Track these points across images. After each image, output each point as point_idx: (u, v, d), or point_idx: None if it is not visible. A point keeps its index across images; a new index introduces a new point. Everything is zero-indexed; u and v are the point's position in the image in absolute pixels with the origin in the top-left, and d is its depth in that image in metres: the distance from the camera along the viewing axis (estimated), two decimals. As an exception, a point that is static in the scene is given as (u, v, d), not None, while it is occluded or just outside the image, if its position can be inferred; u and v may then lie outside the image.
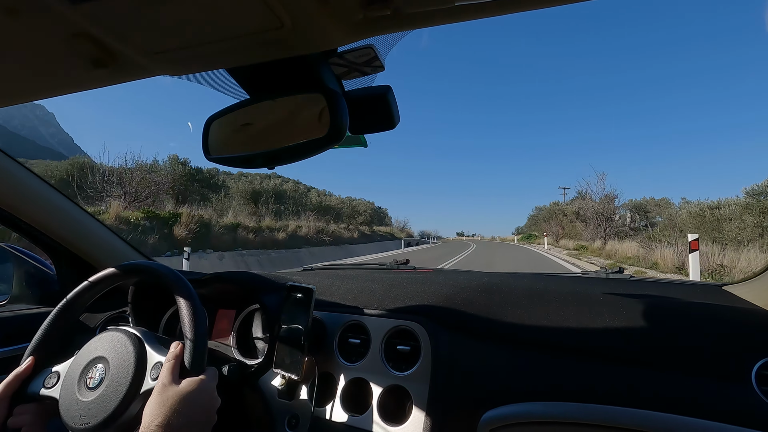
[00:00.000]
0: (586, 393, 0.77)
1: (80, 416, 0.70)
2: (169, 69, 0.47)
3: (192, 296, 0.78)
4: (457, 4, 0.35)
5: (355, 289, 1.13)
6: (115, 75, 0.48)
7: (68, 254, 1.27)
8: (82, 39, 0.40)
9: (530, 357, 0.85)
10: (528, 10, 0.37)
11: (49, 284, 1.35)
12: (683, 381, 0.73)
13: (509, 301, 0.97)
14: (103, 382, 0.73)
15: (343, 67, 0.57)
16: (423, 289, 1.06)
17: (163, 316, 1.17)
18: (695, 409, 0.70)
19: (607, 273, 1.21)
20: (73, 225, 1.23)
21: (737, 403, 0.69)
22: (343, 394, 0.93)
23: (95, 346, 0.79)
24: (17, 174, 1.07)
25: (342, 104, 0.55)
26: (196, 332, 0.74)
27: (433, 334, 0.90)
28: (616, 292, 0.96)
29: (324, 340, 1.01)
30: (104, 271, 0.87)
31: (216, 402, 0.72)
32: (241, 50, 0.44)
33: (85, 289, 0.87)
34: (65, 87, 0.52)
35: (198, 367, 0.72)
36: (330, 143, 0.56)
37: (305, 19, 0.37)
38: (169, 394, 0.66)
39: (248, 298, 1.11)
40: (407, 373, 0.88)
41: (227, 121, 0.64)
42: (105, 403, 0.70)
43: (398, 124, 0.62)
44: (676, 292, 0.96)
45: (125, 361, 0.74)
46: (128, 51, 0.42)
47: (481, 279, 1.15)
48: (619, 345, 0.80)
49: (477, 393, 0.84)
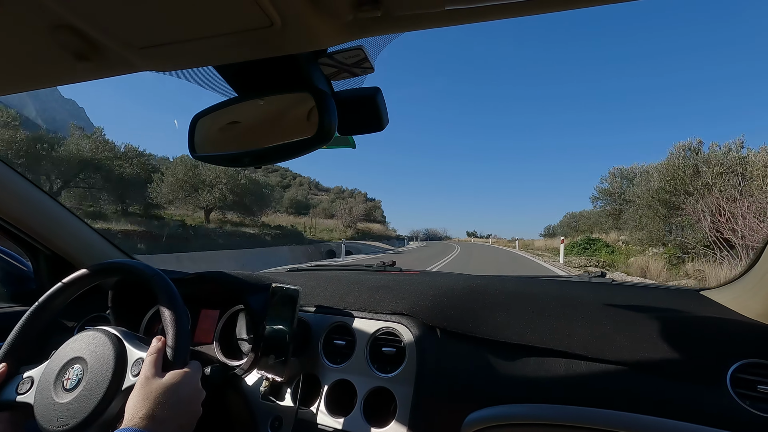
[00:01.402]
0: (569, 395, 0.78)
1: (57, 418, 0.69)
2: (155, 64, 0.46)
3: (173, 294, 0.77)
4: (447, 8, 0.35)
5: (341, 291, 1.13)
6: (99, 69, 0.47)
7: (46, 251, 1.24)
8: (65, 31, 0.39)
9: (515, 359, 0.86)
10: (519, 17, 0.37)
11: (25, 282, 1.31)
12: (662, 383, 0.75)
13: (494, 303, 0.98)
14: (81, 382, 0.71)
15: (333, 68, 0.57)
16: (409, 291, 1.06)
17: (143, 317, 1.15)
18: (674, 411, 0.72)
19: (590, 277, 1.23)
20: (51, 221, 1.20)
21: (713, 404, 0.71)
22: (328, 396, 0.92)
23: (72, 347, 0.77)
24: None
25: (331, 104, 0.55)
26: (178, 325, 0.73)
27: (419, 335, 0.90)
28: (599, 295, 0.98)
29: (309, 341, 1.00)
30: (78, 271, 0.85)
31: (201, 394, 0.71)
32: (229, 47, 0.43)
33: (59, 290, 0.84)
34: (46, 80, 0.51)
35: (181, 359, 0.71)
36: (318, 143, 0.55)
37: (295, 18, 0.37)
38: (152, 387, 0.64)
39: (232, 299, 1.09)
40: (392, 375, 0.88)
41: (214, 118, 0.63)
42: (84, 403, 0.69)
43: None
44: (656, 296, 0.98)
45: (104, 360, 0.72)
46: (112, 45, 0.41)
47: (466, 281, 1.16)
48: (600, 348, 0.81)
49: (461, 395, 0.85)
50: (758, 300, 0.80)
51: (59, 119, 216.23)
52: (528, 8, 0.36)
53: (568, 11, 0.37)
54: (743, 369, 0.73)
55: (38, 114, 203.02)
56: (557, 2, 0.35)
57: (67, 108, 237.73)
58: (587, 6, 0.35)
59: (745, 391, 0.71)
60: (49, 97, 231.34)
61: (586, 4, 0.35)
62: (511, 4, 0.35)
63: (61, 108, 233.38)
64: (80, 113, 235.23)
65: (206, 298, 1.13)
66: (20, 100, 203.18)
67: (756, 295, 0.81)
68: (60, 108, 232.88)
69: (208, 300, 1.13)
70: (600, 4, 0.35)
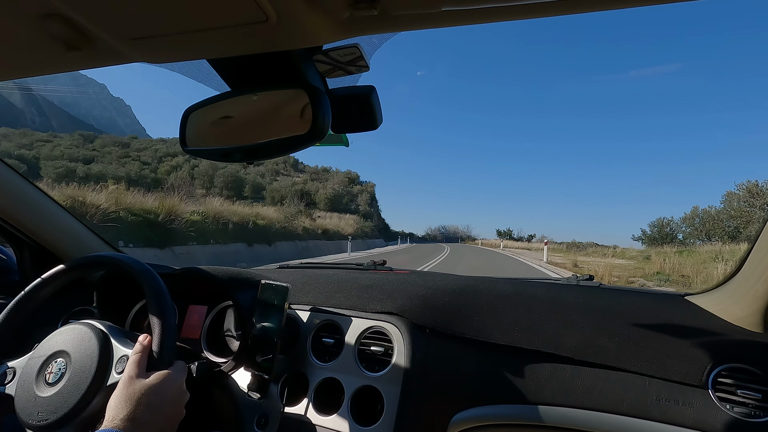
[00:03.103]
0: (555, 397, 0.80)
1: (38, 413, 0.67)
2: (147, 56, 0.46)
3: (160, 288, 0.76)
4: (443, 9, 0.35)
5: (331, 289, 1.13)
6: (89, 59, 0.46)
7: (31, 243, 1.21)
8: (55, 20, 0.38)
9: (502, 360, 0.87)
10: (515, 20, 0.37)
11: (8, 273, 1.29)
12: (645, 386, 0.77)
13: (483, 304, 0.98)
14: (63, 376, 0.70)
15: (328, 65, 0.57)
16: (399, 291, 1.06)
17: (130, 312, 1.13)
18: (656, 414, 0.73)
19: (578, 280, 1.25)
20: (36, 213, 1.18)
21: (695, 408, 0.73)
22: (315, 394, 0.92)
23: (55, 341, 0.75)
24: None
25: (325, 102, 0.55)
26: (165, 324, 0.72)
27: (407, 335, 0.90)
28: (586, 298, 0.99)
29: (297, 339, 1.00)
30: (64, 264, 0.84)
31: (184, 396, 0.70)
32: (223, 41, 0.43)
33: (44, 282, 0.83)
34: (35, 68, 0.50)
35: (166, 359, 0.70)
36: (311, 141, 0.55)
37: (291, 14, 0.37)
38: (135, 387, 0.63)
39: (221, 295, 1.08)
40: (380, 374, 0.88)
41: (206, 112, 0.62)
42: (65, 398, 0.67)
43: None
44: (641, 300, 0.99)
45: (88, 355, 0.71)
46: (104, 35, 0.41)
47: (456, 282, 1.17)
48: (586, 350, 0.83)
49: (448, 394, 0.85)
50: (740, 305, 0.82)
51: (107, 117, 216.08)
52: (524, 12, 0.36)
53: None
54: (724, 373, 0.74)
55: (87, 112, 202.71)
56: (554, 7, 0.36)
57: (115, 106, 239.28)
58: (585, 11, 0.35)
59: (726, 395, 0.73)
60: (98, 96, 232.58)
61: (584, 9, 0.35)
62: (507, 7, 0.35)
63: (109, 106, 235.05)
64: (127, 111, 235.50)
65: (194, 294, 1.12)
66: (73, 99, 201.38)
67: (738, 301, 0.83)
68: (109, 106, 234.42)
69: (196, 295, 1.11)
70: (598, 9, 0.35)
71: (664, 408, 0.74)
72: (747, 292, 0.80)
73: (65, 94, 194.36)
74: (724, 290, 0.90)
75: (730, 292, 0.87)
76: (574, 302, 0.96)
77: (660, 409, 0.74)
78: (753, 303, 0.78)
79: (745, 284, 0.82)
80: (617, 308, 0.92)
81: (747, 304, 0.80)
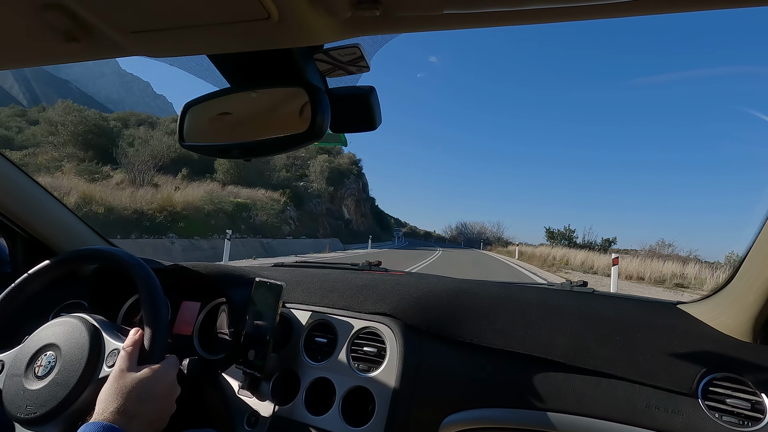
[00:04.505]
0: (547, 401, 0.80)
1: (26, 406, 0.67)
2: (147, 50, 0.46)
3: (153, 282, 0.76)
4: (445, 11, 0.36)
5: (325, 288, 1.12)
6: (88, 51, 0.46)
7: (23, 234, 1.20)
8: (55, 10, 0.38)
9: (494, 363, 0.87)
10: (517, 25, 0.38)
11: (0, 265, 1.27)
12: (636, 394, 0.77)
13: (477, 308, 0.98)
14: (53, 369, 0.69)
15: (328, 64, 0.57)
16: (393, 292, 1.06)
17: (122, 306, 1.13)
18: (647, 421, 0.74)
19: (572, 286, 1.25)
20: (30, 204, 1.17)
21: (684, 416, 0.73)
22: (306, 394, 0.92)
23: (45, 333, 0.75)
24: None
25: (324, 101, 0.55)
26: (157, 318, 0.72)
27: (400, 336, 0.90)
28: (579, 304, 1.00)
29: (290, 337, 0.99)
30: (57, 256, 0.83)
31: (176, 391, 0.70)
32: (224, 38, 0.42)
33: (36, 274, 0.82)
34: (33, 59, 0.50)
35: (158, 354, 0.70)
36: (310, 139, 0.55)
37: (293, 12, 0.37)
38: (126, 381, 0.63)
39: (214, 291, 1.08)
40: (372, 375, 0.88)
41: (205, 108, 0.62)
42: (54, 391, 0.67)
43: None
44: (634, 307, 1.00)
45: (78, 348, 0.71)
46: (103, 27, 0.40)
47: (450, 284, 1.17)
48: (579, 356, 0.83)
49: (440, 396, 0.85)
50: (730, 315, 0.83)
51: (150, 114, 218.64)
52: (526, 17, 0.36)
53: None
54: (714, 382, 0.75)
55: (131, 109, 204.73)
56: (555, 13, 0.36)
57: (157, 103, 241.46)
58: (586, 19, 0.36)
59: (716, 404, 0.73)
60: (143, 93, 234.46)
61: (584, 17, 0.35)
62: (509, 12, 0.36)
63: (152, 103, 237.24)
64: (169, 108, 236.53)
65: (187, 290, 1.11)
66: (118, 95, 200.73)
67: (729, 310, 0.84)
68: (152, 103, 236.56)
69: (190, 291, 1.11)
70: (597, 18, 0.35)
71: (654, 415, 0.74)
72: (737, 302, 0.81)
73: (111, 90, 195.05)
74: (715, 299, 0.91)
75: (721, 302, 0.88)
76: (567, 308, 0.97)
77: (650, 416, 0.74)
78: (743, 312, 0.79)
79: (736, 294, 0.83)
80: (610, 315, 0.93)
81: (737, 314, 0.81)
